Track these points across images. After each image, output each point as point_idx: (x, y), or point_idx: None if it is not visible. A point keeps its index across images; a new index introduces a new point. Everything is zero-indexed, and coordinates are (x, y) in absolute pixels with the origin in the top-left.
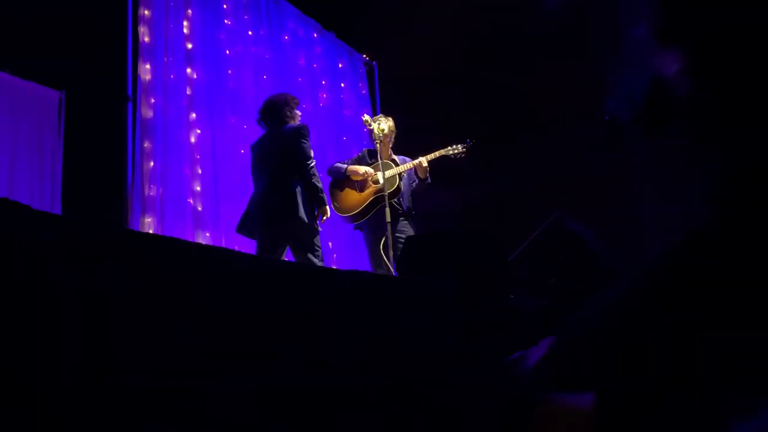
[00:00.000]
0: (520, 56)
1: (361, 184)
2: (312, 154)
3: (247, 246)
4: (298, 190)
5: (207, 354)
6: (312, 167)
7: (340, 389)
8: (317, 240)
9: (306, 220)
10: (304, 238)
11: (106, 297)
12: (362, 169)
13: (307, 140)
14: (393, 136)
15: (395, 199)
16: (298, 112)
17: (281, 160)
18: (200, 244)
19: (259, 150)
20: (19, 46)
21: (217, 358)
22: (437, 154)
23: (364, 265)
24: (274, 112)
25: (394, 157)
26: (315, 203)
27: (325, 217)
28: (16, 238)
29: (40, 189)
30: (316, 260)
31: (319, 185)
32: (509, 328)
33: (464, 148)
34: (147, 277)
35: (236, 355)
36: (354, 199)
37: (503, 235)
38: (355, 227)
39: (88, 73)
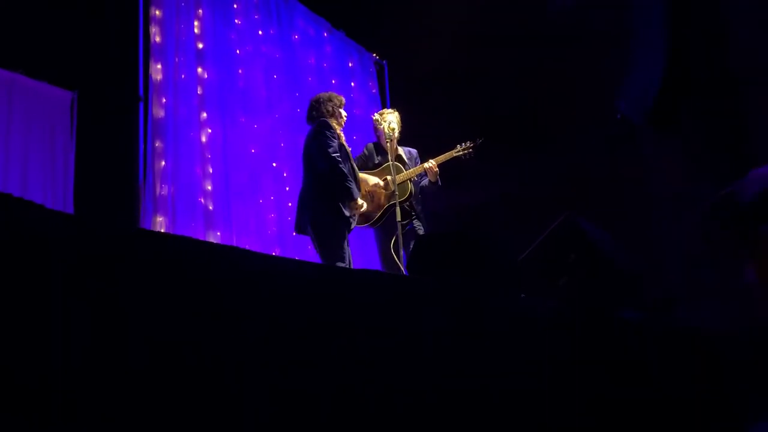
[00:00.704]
0: (530, 55)
1: (372, 193)
2: (329, 149)
3: (257, 246)
4: (314, 186)
5: (219, 353)
6: (328, 160)
7: (349, 390)
8: (333, 237)
9: (317, 217)
10: (317, 235)
11: (118, 296)
12: (372, 180)
13: (321, 135)
14: (399, 130)
15: (408, 203)
16: (342, 112)
17: (305, 158)
18: (213, 243)
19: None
20: (32, 48)
21: (230, 357)
22: (446, 156)
23: (374, 264)
24: (309, 111)
25: (400, 151)
26: (337, 197)
27: (354, 211)
28: (29, 237)
29: (53, 189)
30: (326, 258)
31: (342, 181)
32: (519, 327)
33: (472, 145)
34: (160, 276)
35: (250, 356)
36: (369, 208)
37: (513, 235)
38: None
39: (100, 73)
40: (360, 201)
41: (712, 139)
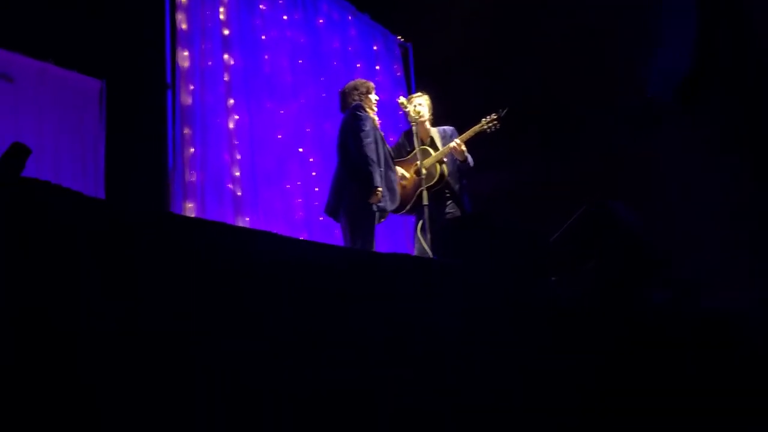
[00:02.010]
0: (557, 35)
1: (404, 181)
2: (362, 137)
3: (285, 230)
4: (349, 171)
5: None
6: (361, 148)
7: (373, 372)
8: (365, 223)
9: (353, 202)
10: (349, 220)
11: (148, 277)
12: (400, 172)
13: (355, 120)
14: (430, 113)
15: (442, 184)
16: (371, 97)
17: (340, 142)
18: (245, 228)
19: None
20: (61, 37)
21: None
22: (471, 132)
23: (402, 247)
24: (341, 98)
25: (433, 132)
26: (359, 185)
27: (375, 205)
28: (63, 220)
29: (84, 177)
30: (355, 243)
31: (368, 166)
32: (547, 310)
33: (497, 117)
34: (189, 258)
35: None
36: (402, 195)
37: (544, 219)
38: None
39: (128, 61)
40: (380, 191)
41: (739, 122)
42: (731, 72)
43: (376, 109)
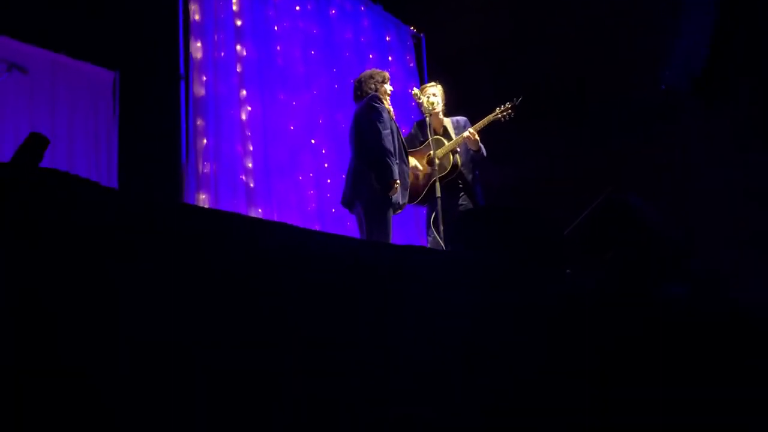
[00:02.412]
0: (571, 28)
1: (416, 172)
2: (380, 129)
3: (298, 221)
4: (366, 161)
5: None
6: (378, 139)
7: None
8: (382, 213)
9: (370, 192)
10: (366, 210)
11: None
12: (413, 161)
13: (371, 110)
14: (443, 103)
15: (455, 175)
16: (386, 87)
17: (355, 133)
18: (258, 218)
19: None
20: (74, 29)
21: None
22: (485, 121)
23: (413, 239)
24: (356, 87)
25: (446, 122)
26: (377, 177)
27: (390, 192)
28: (82, 212)
29: (97, 168)
30: (371, 234)
31: (385, 158)
32: (562, 302)
33: (511, 106)
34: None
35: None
36: (414, 186)
37: (559, 210)
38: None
39: (142, 52)
40: (396, 184)
41: (761, 109)
42: (752, 61)
43: (389, 99)
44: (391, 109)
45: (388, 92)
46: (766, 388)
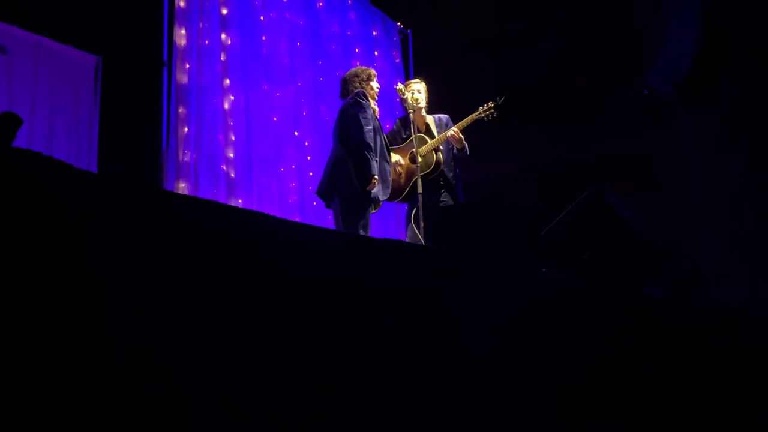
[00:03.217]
0: (558, 25)
1: (399, 169)
2: (362, 124)
3: (278, 213)
4: (348, 155)
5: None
6: (361, 135)
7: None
8: (360, 207)
9: (349, 186)
10: (343, 203)
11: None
12: (395, 157)
13: (356, 105)
14: (426, 100)
15: (437, 173)
16: (372, 85)
17: (339, 126)
18: (236, 207)
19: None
20: (57, 11)
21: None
22: (468, 120)
23: (393, 235)
24: (342, 85)
25: (428, 119)
26: (356, 171)
27: (369, 188)
28: (61, 193)
29: (77, 153)
30: (348, 227)
31: (365, 154)
32: (537, 301)
33: (494, 105)
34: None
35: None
36: (396, 183)
37: (539, 208)
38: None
39: (125, 37)
40: (375, 180)
41: (747, 114)
42: (742, 65)
43: (376, 98)
44: (376, 108)
45: (375, 90)
46: (745, 384)
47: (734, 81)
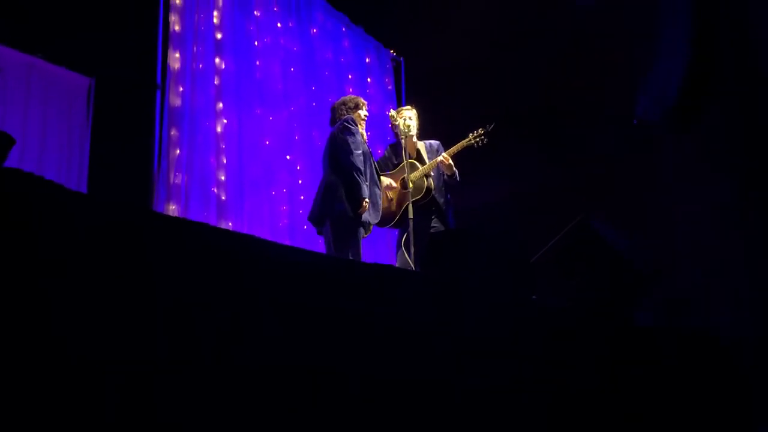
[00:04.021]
0: (548, 52)
1: (390, 194)
2: (351, 149)
3: (268, 237)
4: (338, 180)
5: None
6: (350, 160)
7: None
8: (351, 232)
9: (340, 211)
10: (335, 228)
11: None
12: (386, 182)
13: (345, 131)
14: (417, 127)
15: (429, 198)
16: (360, 113)
17: (329, 152)
18: (226, 230)
19: None
20: (51, 33)
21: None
22: (458, 147)
23: (384, 260)
24: (332, 113)
25: (419, 146)
26: (347, 195)
27: (361, 212)
28: (44, 212)
29: (68, 174)
30: (339, 252)
31: (355, 178)
32: (526, 327)
33: (484, 132)
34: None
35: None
36: (388, 209)
37: (529, 235)
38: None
39: (119, 60)
40: (366, 203)
41: (732, 141)
42: (728, 91)
43: (364, 124)
44: (365, 134)
45: (363, 117)
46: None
47: (720, 108)
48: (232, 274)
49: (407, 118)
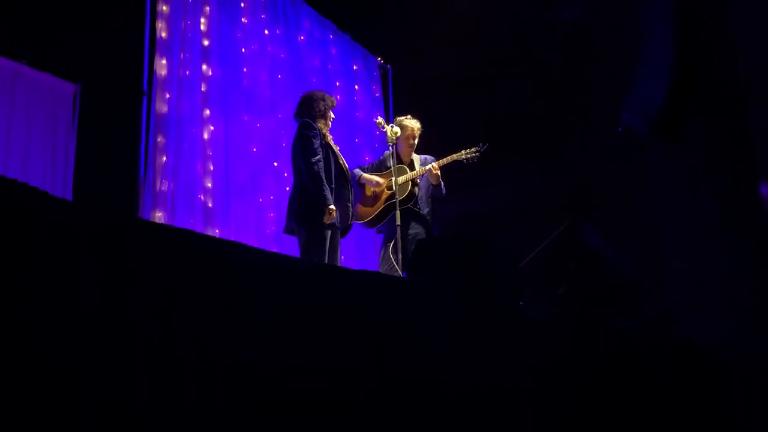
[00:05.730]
0: (536, 61)
1: (375, 192)
2: (308, 150)
3: (255, 244)
4: (300, 187)
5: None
6: (309, 166)
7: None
8: (316, 238)
9: (302, 217)
10: (301, 235)
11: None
12: (375, 179)
13: (302, 137)
14: (417, 137)
15: (410, 204)
16: (330, 114)
17: (292, 158)
18: (212, 237)
19: None
20: (36, 38)
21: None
22: (448, 159)
23: (371, 266)
24: (299, 106)
25: (415, 157)
26: (308, 204)
27: (326, 218)
28: (35, 221)
29: (53, 181)
30: (308, 257)
31: (317, 185)
32: (513, 334)
33: (477, 152)
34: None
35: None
36: (368, 205)
37: (516, 241)
38: (378, 231)
39: (105, 66)
40: (332, 207)
41: (716, 153)
42: (712, 101)
43: (330, 126)
44: (329, 135)
45: (332, 118)
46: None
47: (704, 118)
48: (218, 281)
49: (403, 122)
